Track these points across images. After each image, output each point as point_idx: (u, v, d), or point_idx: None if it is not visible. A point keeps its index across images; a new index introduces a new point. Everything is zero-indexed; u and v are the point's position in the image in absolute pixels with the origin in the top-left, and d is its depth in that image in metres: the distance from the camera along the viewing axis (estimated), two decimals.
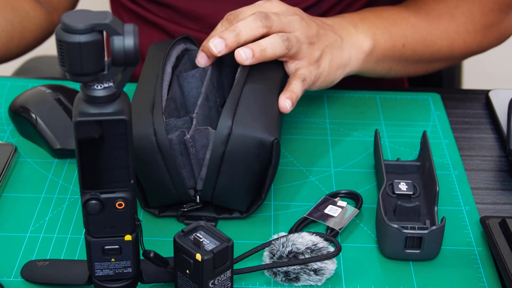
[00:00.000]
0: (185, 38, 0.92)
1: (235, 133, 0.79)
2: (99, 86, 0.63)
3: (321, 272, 0.78)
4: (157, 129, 0.79)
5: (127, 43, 0.62)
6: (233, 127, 0.79)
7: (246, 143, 0.79)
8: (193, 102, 0.90)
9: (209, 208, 0.85)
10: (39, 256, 0.81)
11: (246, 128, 0.79)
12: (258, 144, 0.79)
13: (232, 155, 0.79)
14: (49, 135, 0.93)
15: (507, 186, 0.92)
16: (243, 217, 0.85)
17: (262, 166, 0.82)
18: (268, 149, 0.80)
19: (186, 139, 0.79)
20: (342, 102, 1.05)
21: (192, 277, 0.72)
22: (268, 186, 0.83)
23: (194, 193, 0.83)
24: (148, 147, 0.79)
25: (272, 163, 0.81)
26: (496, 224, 0.83)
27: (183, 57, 0.92)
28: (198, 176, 0.82)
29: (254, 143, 0.79)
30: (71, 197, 0.88)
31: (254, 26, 0.86)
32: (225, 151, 0.79)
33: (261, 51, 0.86)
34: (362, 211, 0.87)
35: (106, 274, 0.72)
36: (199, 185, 0.82)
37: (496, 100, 1.05)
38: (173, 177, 0.80)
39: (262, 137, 0.79)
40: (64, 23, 0.61)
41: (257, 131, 0.80)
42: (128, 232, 0.70)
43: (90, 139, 0.65)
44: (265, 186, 0.83)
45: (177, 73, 0.89)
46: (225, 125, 0.79)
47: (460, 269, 0.80)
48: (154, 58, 0.89)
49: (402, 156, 0.94)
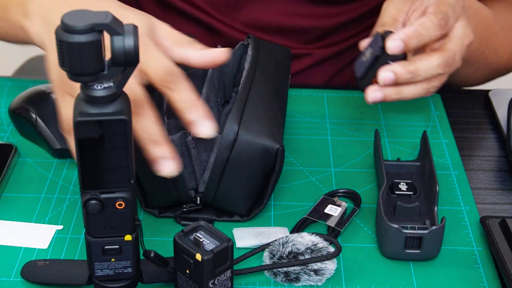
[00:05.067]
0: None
1: (241, 139, 0.79)
2: (99, 86, 0.63)
3: (321, 272, 0.78)
4: None
5: (127, 43, 0.62)
6: (239, 132, 0.79)
7: (252, 149, 0.80)
8: None
9: (209, 210, 0.85)
10: (39, 256, 0.81)
11: (252, 135, 0.80)
12: (263, 151, 0.80)
13: (236, 160, 0.80)
14: (49, 135, 0.93)
15: (507, 186, 0.92)
16: (243, 220, 0.85)
17: (265, 172, 0.82)
18: (273, 156, 0.81)
19: (188, 140, 0.79)
20: (342, 102, 1.05)
21: (192, 277, 0.72)
22: (270, 191, 0.84)
23: (195, 194, 0.83)
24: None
25: (275, 170, 0.82)
26: (496, 224, 0.83)
27: None
28: (200, 177, 0.82)
29: (259, 149, 0.80)
30: (71, 197, 0.88)
31: (434, 73, 0.84)
32: (230, 156, 0.79)
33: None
34: (362, 211, 0.87)
35: (106, 274, 0.72)
36: (201, 187, 0.82)
37: (496, 100, 1.05)
38: (174, 178, 0.80)
39: (268, 144, 0.80)
40: (64, 23, 0.61)
41: (263, 138, 0.80)
42: (128, 232, 0.70)
43: (90, 139, 0.65)
44: (267, 191, 0.83)
45: None
46: (232, 130, 0.79)
47: (460, 269, 0.80)
48: None
49: (402, 156, 0.94)
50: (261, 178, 0.82)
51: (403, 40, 0.81)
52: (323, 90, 1.07)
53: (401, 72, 0.82)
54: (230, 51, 0.84)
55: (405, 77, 0.82)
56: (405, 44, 0.81)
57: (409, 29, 0.82)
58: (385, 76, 0.82)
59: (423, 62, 0.83)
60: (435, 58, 0.83)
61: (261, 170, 0.81)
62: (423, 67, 0.82)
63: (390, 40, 0.81)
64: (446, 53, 0.84)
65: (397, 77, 0.82)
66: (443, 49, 0.84)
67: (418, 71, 0.82)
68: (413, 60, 0.83)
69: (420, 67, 0.82)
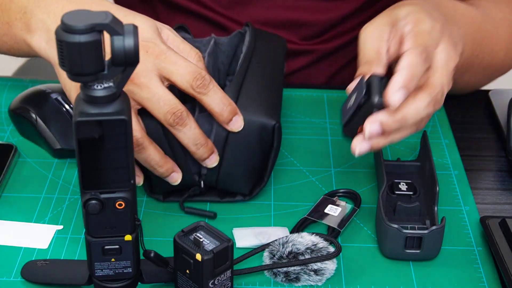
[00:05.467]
0: (180, 28, 0.95)
1: None
2: (99, 86, 0.63)
3: (321, 272, 0.78)
4: None
5: (127, 43, 0.62)
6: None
7: (249, 127, 0.82)
8: None
9: (212, 192, 0.87)
10: (39, 256, 0.81)
11: (248, 113, 0.82)
12: (260, 128, 0.82)
13: (235, 138, 0.82)
14: (49, 135, 0.93)
15: (507, 186, 0.92)
16: (246, 199, 0.87)
17: (264, 149, 0.84)
18: (270, 133, 0.83)
19: None
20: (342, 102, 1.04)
21: (192, 277, 0.72)
22: (270, 169, 0.86)
23: (199, 178, 0.85)
24: (154, 133, 0.81)
25: (274, 146, 0.84)
26: (496, 224, 0.83)
27: None
28: None
29: (256, 126, 0.82)
30: (71, 197, 0.88)
31: (423, 115, 0.77)
32: (228, 134, 0.82)
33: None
34: (362, 211, 0.87)
35: (106, 274, 0.72)
36: (204, 169, 0.84)
37: (496, 100, 1.05)
38: (179, 163, 0.83)
39: (264, 121, 0.82)
40: (64, 23, 0.61)
41: (259, 115, 0.82)
42: (128, 232, 0.70)
43: (90, 139, 0.65)
44: (267, 169, 0.86)
45: None
46: None
47: (460, 269, 0.80)
48: None
49: (402, 156, 0.94)
50: (261, 155, 0.84)
51: (404, 90, 0.75)
52: (323, 90, 1.07)
53: (389, 123, 0.76)
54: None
55: (393, 127, 0.76)
56: (407, 92, 0.75)
57: (403, 75, 0.75)
58: (371, 129, 0.76)
59: (410, 107, 0.76)
60: (422, 99, 0.77)
61: (260, 147, 0.84)
62: (411, 112, 0.76)
63: (392, 94, 0.74)
64: (433, 90, 0.78)
65: (384, 128, 0.76)
66: (429, 86, 0.78)
67: (406, 118, 0.76)
68: (399, 106, 0.76)
69: (408, 113, 0.76)
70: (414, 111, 0.76)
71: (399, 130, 0.78)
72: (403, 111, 0.76)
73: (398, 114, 0.76)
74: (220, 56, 0.94)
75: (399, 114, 0.76)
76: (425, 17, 0.80)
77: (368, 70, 0.79)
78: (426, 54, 0.78)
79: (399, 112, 0.76)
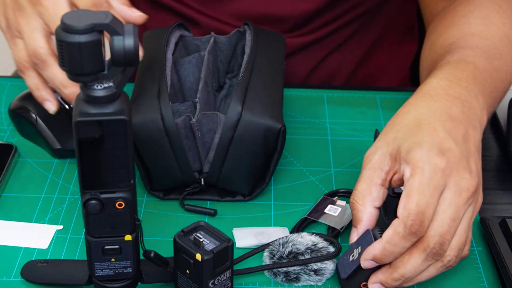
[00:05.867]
0: (180, 25, 0.95)
1: (245, 119, 0.82)
2: (99, 86, 0.63)
3: (321, 272, 0.78)
4: (164, 114, 0.81)
5: (127, 43, 0.62)
6: (243, 113, 0.82)
7: (255, 129, 0.82)
8: (189, 87, 0.92)
9: (212, 191, 0.88)
10: (39, 256, 0.81)
11: (255, 115, 0.83)
12: (266, 130, 0.83)
13: (240, 139, 0.82)
14: (49, 135, 0.93)
15: (507, 186, 0.92)
16: (246, 200, 0.87)
17: (267, 151, 0.84)
18: (275, 135, 0.83)
19: (192, 123, 0.82)
20: (342, 102, 1.05)
21: (192, 277, 0.72)
22: (272, 170, 0.86)
23: (199, 176, 0.85)
24: (155, 131, 0.81)
25: (277, 149, 0.84)
26: (496, 224, 0.83)
27: (178, 43, 0.94)
28: (205, 158, 0.84)
29: (262, 129, 0.82)
30: (71, 197, 0.88)
31: (423, 268, 0.72)
32: (234, 135, 0.82)
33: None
34: None
35: (106, 274, 0.72)
36: (205, 167, 0.85)
37: None
38: (179, 160, 0.83)
39: (270, 124, 0.83)
40: (64, 23, 0.61)
41: (265, 118, 0.83)
42: (128, 232, 0.70)
43: (90, 139, 0.65)
44: (270, 170, 0.86)
45: (173, 59, 0.91)
46: (235, 110, 0.82)
47: (460, 269, 0.80)
48: (153, 45, 0.91)
49: None
50: (264, 156, 0.85)
51: (376, 262, 0.72)
52: (323, 90, 1.07)
53: (388, 282, 0.73)
54: (147, 17, 0.86)
55: (395, 284, 0.73)
56: (378, 262, 0.72)
57: (380, 249, 0.71)
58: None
59: (407, 265, 0.71)
60: (416, 257, 0.71)
61: (264, 149, 0.84)
62: (408, 270, 0.72)
63: (364, 260, 0.72)
64: (427, 244, 0.71)
65: (386, 286, 0.73)
66: (423, 239, 0.71)
67: (405, 275, 0.72)
68: (395, 264, 0.72)
69: (406, 272, 0.72)
70: (411, 269, 0.72)
71: (422, 274, 0.73)
72: (400, 271, 0.72)
73: (395, 273, 0.72)
74: (220, 55, 0.95)
75: (396, 274, 0.72)
76: (426, 159, 0.72)
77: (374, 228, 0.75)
78: (419, 222, 0.70)
79: (396, 272, 0.72)
